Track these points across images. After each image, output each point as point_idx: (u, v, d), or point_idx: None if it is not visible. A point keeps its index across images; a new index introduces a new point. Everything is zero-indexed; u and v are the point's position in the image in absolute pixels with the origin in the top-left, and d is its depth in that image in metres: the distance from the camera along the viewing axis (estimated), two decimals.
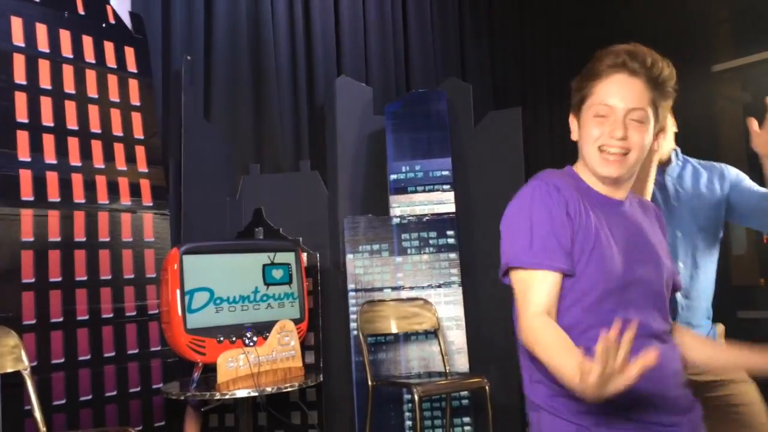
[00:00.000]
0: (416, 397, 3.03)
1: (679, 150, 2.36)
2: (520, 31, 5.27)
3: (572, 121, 1.52)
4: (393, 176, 3.82)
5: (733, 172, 2.32)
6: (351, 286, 3.65)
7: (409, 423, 3.55)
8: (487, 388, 3.19)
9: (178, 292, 2.67)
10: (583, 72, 1.48)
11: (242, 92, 3.88)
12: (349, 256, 3.68)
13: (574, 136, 1.52)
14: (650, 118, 1.42)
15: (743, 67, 4.96)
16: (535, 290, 1.35)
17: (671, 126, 2.29)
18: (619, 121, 1.40)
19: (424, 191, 3.79)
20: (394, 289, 3.68)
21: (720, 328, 2.36)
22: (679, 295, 2.18)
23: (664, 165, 2.29)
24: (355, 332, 3.49)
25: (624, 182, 1.48)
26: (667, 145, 2.29)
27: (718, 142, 4.86)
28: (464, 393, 3.58)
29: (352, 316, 3.57)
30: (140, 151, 3.14)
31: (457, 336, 3.64)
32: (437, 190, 3.78)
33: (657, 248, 1.49)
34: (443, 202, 3.76)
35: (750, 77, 5.02)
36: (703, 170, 2.32)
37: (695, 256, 2.22)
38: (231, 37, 3.86)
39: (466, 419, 3.59)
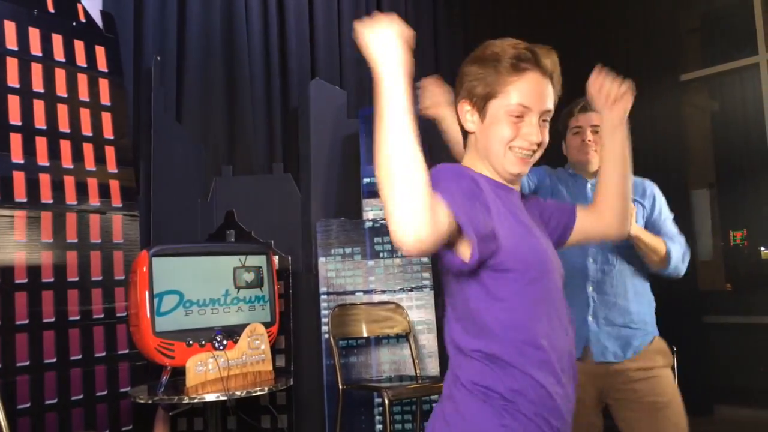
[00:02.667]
0: (387, 401, 3.04)
1: None
2: (495, 36, 5.31)
3: (467, 110, 1.43)
4: (366, 180, 3.83)
5: None
6: (323, 289, 3.65)
7: (379, 427, 3.55)
8: None
9: (147, 294, 2.64)
10: (482, 61, 1.41)
11: (215, 93, 3.86)
12: (321, 260, 3.68)
13: (469, 127, 1.43)
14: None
15: (711, 77, 5.06)
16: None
17: None
18: (535, 124, 1.38)
19: None
20: (365, 292, 3.68)
21: None
22: None
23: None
24: (327, 336, 3.49)
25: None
26: None
27: (686, 149, 4.94)
28: (435, 397, 3.59)
29: (324, 320, 3.57)
30: (110, 152, 3.10)
31: (428, 340, 3.65)
32: None
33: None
34: None
35: (717, 86, 5.12)
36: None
37: None
38: (204, 37, 3.84)
39: None
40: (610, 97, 1.57)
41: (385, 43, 1.16)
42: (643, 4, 5.01)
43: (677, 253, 2.21)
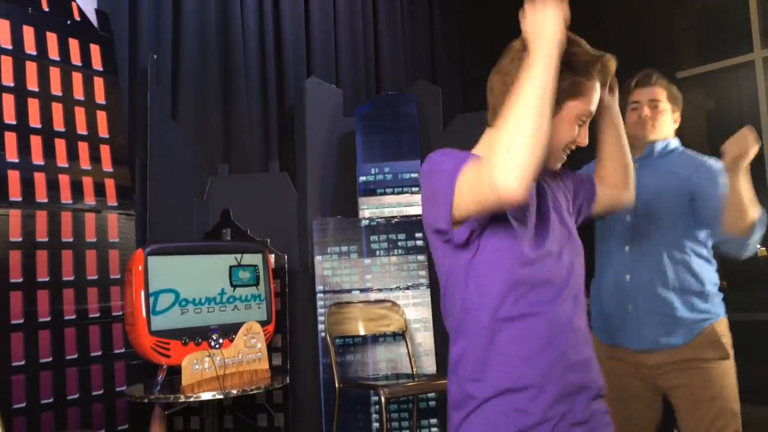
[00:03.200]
0: (383, 399, 3.04)
1: None
2: (490, 35, 5.31)
3: None
4: (362, 178, 3.82)
5: None
6: (319, 287, 3.65)
7: (376, 425, 3.55)
8: None
9: (142, 293, 2.63)
10: (578, 55, 1.37)
11: (211, 92, 3.85)
12: (318, 258, 3.67)
13: None
14: None
15: (707, 74, 5.05)
16: None
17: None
18: (586, 128, 1.43)
19: (393, 193, 3.80)
20: (362, 290, 3.68)
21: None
22: None
23: None
24: (323, 334, 3.49)
25: None
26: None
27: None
28: (431, 395, 3.59)
29: (320, 318, 3.56)
30: (105, 151, 3.10)
31: (424, 338, 3.65)
32: (406, 192, 3.79)
33: (567, 222, 1.47)
34: (412, 204, 3.77)
35: (713, 84, 5.12)
36: None
37: None
38: (199, 35, 3.83)
39: (433, 421, 3.60)
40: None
41: (550, 20, 1.24)
42: (638, 2, 5.01)
43: (763, 226, 2.04)
